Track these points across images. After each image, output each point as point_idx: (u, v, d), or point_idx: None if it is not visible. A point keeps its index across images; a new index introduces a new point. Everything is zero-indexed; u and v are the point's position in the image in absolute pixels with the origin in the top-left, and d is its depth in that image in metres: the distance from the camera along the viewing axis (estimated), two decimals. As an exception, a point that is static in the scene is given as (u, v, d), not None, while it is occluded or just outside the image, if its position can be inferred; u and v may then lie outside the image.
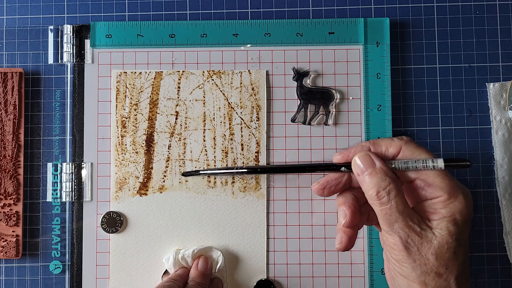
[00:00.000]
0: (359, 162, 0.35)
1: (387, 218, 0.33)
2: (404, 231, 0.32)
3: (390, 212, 0.33)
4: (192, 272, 0.42)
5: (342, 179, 0.37)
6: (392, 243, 0.33)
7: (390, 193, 0.33)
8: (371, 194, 0.34)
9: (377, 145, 0.36)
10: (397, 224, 0.32)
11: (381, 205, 0.33)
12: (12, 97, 0.46)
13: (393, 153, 0.35)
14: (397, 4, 0.47)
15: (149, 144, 0.46)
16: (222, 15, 0.48)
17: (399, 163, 0.35)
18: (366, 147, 0.36)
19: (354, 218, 0.36)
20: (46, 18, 0.48)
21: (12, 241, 0.45)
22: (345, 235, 0.37)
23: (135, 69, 0.47)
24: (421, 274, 0.32)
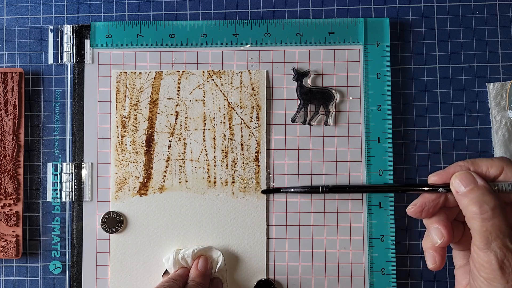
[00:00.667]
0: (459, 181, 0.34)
1: (486, 236, 0.32)
2: (502, 251, 0.31)
3: (491, 229, 0.32)
4: (192, 272, 0.42)
5: (439, 200, 0.36)
6: (485, 261, 0.32)
7: (494, 210, 0.32)
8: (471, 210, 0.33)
9: (477, 165, 0.35)
10: (495, 242, 0.32)
11: (482, 220, 0.32)
12: (12, 97, 0.46)
13: (494, 174, 0.35)
14: (397, 4, 0.47)
15: (149, 144, 0.46)
16: (222, 15, 0.48)
17: (503, 185, 0.34)
18: (465, 167, 0.35)
19: (451, 236, 0.35)
20: (46, 18, 0.48)
21: (12, 241, 0.45)
22: (438, 255, 0.36)
23: (135, 69, 0.47)
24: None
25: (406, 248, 0.46)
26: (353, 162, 0.46)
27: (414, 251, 0.46)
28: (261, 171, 0.46)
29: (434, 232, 0.36)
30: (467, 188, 0.34)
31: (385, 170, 0.45)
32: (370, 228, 0.45)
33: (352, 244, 0.45)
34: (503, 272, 0.31)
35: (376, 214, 0.45)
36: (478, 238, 0.32)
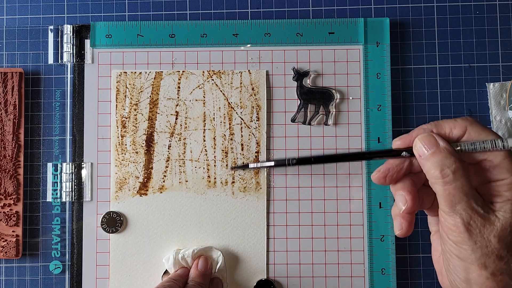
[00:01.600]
0: (421, 143, 0.34)
1: (450, 199, 0.32)
2: (467, 213, 0.31)
3: (454, 192, 0.32)
4: (192, 272, 0.42)
5: (403, 165, 0.36)
6: (452, 225, 0.32)
7: (455, 172, 0.32)
8: (433, 173, 0.32)
9: (440, 126, 0.34)
10: (459, 205, 0.31)
11: (444, 184, 0.32)
12: (12, 97, 0.46)
13: (457, 135, 0.34)
14: (397, 4, 0.47)
15: (149, 144, 0.46)
16: (222, 15, 0.48)
17: (465, 144, 0.33)
18: (428, 130, 0.35)
19: (415, 203, 0.35)
20: (46, 18, 0.48)
21: (12, 241, 0.45)
22: (405, 221, 0.35)
23: (135, 69, 0.47)
24: (481, 257, 0.31)
25: (406, 248, 0.46)
26: (353, 162, 0.46)
27: (414, 251, 0.46)
28: (261, 171, 0.46)
29: (398, 199, 0.36)
30: (429, 152, 0.33)
31: (385, 170, 0.45)
32: (370, 228, 0.45)
33: (352, 244, 0.45)
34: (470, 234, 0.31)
35: (376, 214, 0.45)
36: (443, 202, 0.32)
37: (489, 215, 0.31)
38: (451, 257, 0.33)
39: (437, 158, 0.33)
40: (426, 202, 0.36)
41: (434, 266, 0.37)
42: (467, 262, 0.32)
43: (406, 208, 0.35)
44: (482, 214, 0.31)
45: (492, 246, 0.31)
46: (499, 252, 0.31)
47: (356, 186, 0.46)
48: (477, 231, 0.31)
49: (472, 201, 0.31)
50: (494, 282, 0.31)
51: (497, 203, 0.32)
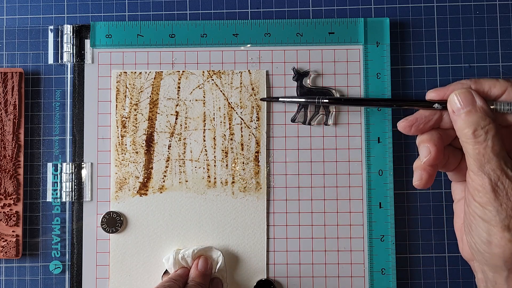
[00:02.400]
0: (457, 98, 0.33)
1: (479, 159, 0.31)
2: (496, 173, 0.31)
3: (484, 152, 0.31)
4: (192, 272, 0.42)
5: (433, 117, 0.35)
6: (479, 185, 0.31)
7: (488, 132, 0.31)
8: (466, 132, 0.32)
9: (479, 83, 0.34)
10: (489, 165, 0.31)
11: (475, 143, 0.31)
12: (12, 97, 0.46)
13: (496, 94, 0.33)
14: (397, 4, 0.47)
15: (149, 144, 0.46)
16: (222, 15, 0.48)
17: (501, 104, 0.32)
18: (467, 85, 0.34)
19: (439, 155, 0.34)
20: (46, 18, 0.48)
21: (12, 241, 0.45)
22: (426, 172, 0.35)
23: (135, 69, 0.47)
24: (506, 218, 0.30)
25: (406, 248, 0.46)
26: (353, 162, 0.46)
27: (414, 251, 0.46)
28: (261, 171, 0.46)
29: (422, 150, 0.35)
30: (465, 110, 0.32)
31: (385, 170, 0.45)
32: (370, 228, 0.45)
33: (352, 244, 0.45)
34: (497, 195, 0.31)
35: (376, 214, 0.45)
36: (472, 161, 0.32)
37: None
38: (474, 219, 0.32)
39: (472, 118, 0.32)
40: (452, 163, 0.35)
41: (456, 234, 0.36)
42: (490, 224, 0.31)
43: (428, 159, 0.34)
44: (510, 176, 0.31)
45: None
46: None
47: (356, 186, 0.46)
48: (504, 193, 0.31)
49: (502, 162, 0.31)
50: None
51: None
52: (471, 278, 0.45)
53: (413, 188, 0.46)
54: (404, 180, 0.46)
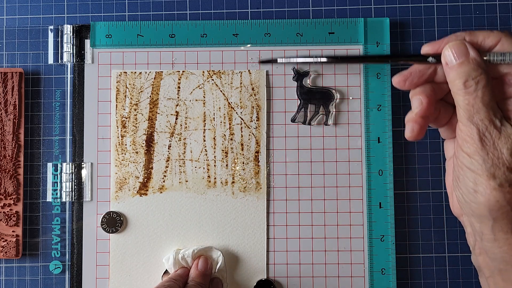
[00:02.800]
0: (451, 50, 0.33)
1: (469, 109, 0.31)
2: (484, 123, 0.31)
3: (473, 102, 0.31)
4: (192, 272, 0.42)
5: (427, 71, 0.35)
6: (467, 135, 0.31)
7: (479, 83, 0.31)
8: (457, 83, 0.32)
9: (474, 35, 0.34)
10: (478, 115, 0.31)
11: (466, 94, 0.32)
12: (12, 97, 0.46)
13: (489, 45, 0.33)
14: (397, 4, 0.47)
15: (149, 144, 0.46)
16: (222, 15, 0.48)
17: (494, 54, 0.33)
18: (461, 37, 0.34)
19: (430, 107, 0.34)
20: (46, 18, 0.48)
21: (12, 241, 0.45)
22: (417, 124, 0.35)
23: (135, 69, 0.47)
24: (491, 167, 0.31)
25: (406, 248, 0.46)
26: (353, 162, 0.46)
27: (414, 251, 0.46)
28: (261, 171, 0.46)
29: (414, 102, 0.35)
30: (457, 61, 0.33)
31: (385, 170, 0.45)
32: (370, 228, 0.45)
33: (352, 244, 0.45)
34: (484, 144, 0.31)
35: (376, 214, 0.45)
36: (462, 112, 0.32)
37: (506, 128, 0.31)
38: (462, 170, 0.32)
39: (463, 69, 0.32)
40: (443, 117, 0.36)
41: (447, 191, 0.37)
42: (477, 173, 0.31)
43: (420, 109, 0.34)
44: (498, 127, 0.31)
45: (504, 158, 0.31)
46: (510, 164, 0.31)
47: (356, 186, 0.46)
48: (491, 142, 0.31)
49: (490, 113, 0.31)
50: (501, 193, 0.31)
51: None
52: (471, 278, 0.45)
53: (413, 188, 0.46)
54: (404, 180, 0.46)
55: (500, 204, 0.31)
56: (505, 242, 0.31)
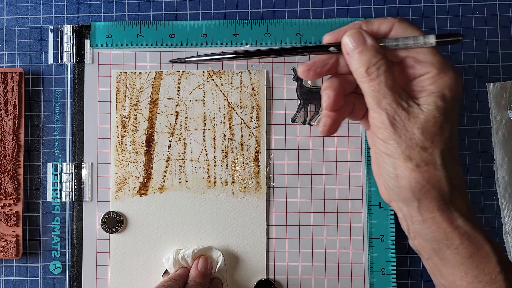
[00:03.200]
0: (349, 40, 0.34)
1: (375, 95, 0.32)
2: (392, 107, 0.32)
3: (378, 88, 0.32)
4: (192, 272, 0.42)
5: (329, 61, 0.36)
6: (378, 121, 0.32)
7: (379, 68, 0.32)
8: (360, 72, 0.33)
9: (370, 23, 0.34)
10: (385, 100, 0.32)
11: (370, 81, 0.32)
12: (12, 97, 0.46)
13: (385, 31, 0.34)
14: (397, 4, 0.47)
15: (149, 144, 0.46)
16: (222, 15, 0.48)
17: (389, 41, 0.33)
18: (358, 25, 0.35)
19: (338, 99, 0.35)
20: (46, 18, 0.48)
21: (12, 241, 0.45)
22: (329, 118, 0.36)
23: (135, 69, 0.47)
24: (406, 149, 0.31)
25: (406, 248, 0.46)
26: (353, 162, 0.46)
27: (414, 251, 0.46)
28: (261, 171, 0.46)
29: (323, 96, 0.35)
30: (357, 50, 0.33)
31: (385, 170, 0.45)
32: (370, 228, 0.45)
33: (352, 244, 0.45)
34: (395, 127, 0.31)
35: (376, 214, 0.45)
36: (369, 99, 0.33)
37: (413, 109, 0.32)
38: (381, 156, 0.33)
39: (364, 56, 0.33)
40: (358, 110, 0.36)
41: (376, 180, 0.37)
42: (394, 157, 0.32)
43: (327, 103, 0.35)
44: (406, 108, 0.32)
45: (416, 138, 0.31)
46: (423, 144, 0.31)
47: (356, 186, 0.46)
48: (401, 125, 0.31)
49: (396, 96, 0.32)
50: (419, 173, 0.31)
51: (421, 98, 0.32)
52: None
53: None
54: (406, 181, 0.46)
55: (421, 184, 0.31)
56: (432, 222, 0.32)
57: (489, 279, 0.31)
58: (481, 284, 0.31)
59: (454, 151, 0.32)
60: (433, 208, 0.32)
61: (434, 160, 0.31)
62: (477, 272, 0.31)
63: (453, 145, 0.32)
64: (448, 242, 0.32)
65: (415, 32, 0.33)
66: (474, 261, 0.31)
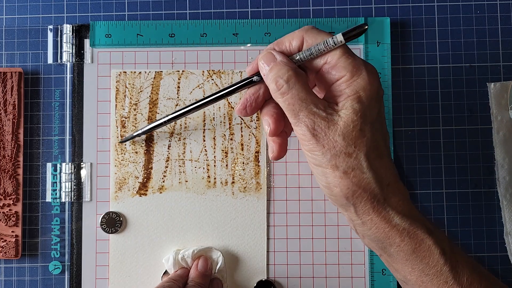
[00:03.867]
0: (261, 62, 0.34)
1: (291, 109, 0.32)
2: (310, 119, 0.32)
3: (292, 101, 0.32)
4: (192, 273, 0.42)
5: (259, 92, 0.36)
6: (301, 134, 0.32)
7: (289, 81, 0.32)
8: (272, 88, 0.33)
9: (281, 42, 0.35)
10: (301, 113, 0.32)
11: (282, 95, 0.33)
12: (11, 97, 0.46)
13: (297, 46, 0.35)
14: (398, 3, 0.47)
15: (148, 144, 0.46)
16: (222, 14, 0.48)
17: (302, 53, 0.34)
18: (271, 48, 0.35)
19: (278, 125, 0.36)
20: (46, 18, 0.48)
21: (11, 242, 0.45)
22: (275, 144, 0.36)
23: (135, 69, 0.46)
24: (332, 158, 0.31)
25: (407, 249, 0.45)
26: (354, 162, 0.45)
27: (414, 251, 0.46)
28: (261, 171, 0.45)
29: (264, 123, 0.36)
30: (268, 68, 0.34)
31: (386, 170, 0.45)
32: (371, 229, 0.45)
33: (352, 244, 0.45)
34: (317, 138, 0.32)
35: (377, 214, 0.45)
36: (288, 114, 0.33)
37: (332, 116, 0.32)
38: (313, 168, 0.33)
39: (273, 72, 0.33)
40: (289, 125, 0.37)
41: None
42: (323, 167, 0.32)
43: (270, 131, 0.36)
44: (324, 117, 0.32)
45: (339, 145, 0.31)
46: (347, 150, 0.31)
47: (357, 186, 0.45)
48: (323, 135, 0.32)
49: (312, 106, 0.32)
50: (348, 180, 0.31)
51: (340, 103, 0.32)
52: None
53: (413, 188, 0.46)
54: (405, 181, 0.46)
55: (352, 189, 0.32)
56: (371, 223, 0.32)
57: (435, 271, 0.32)
58: (428, 277, 0.32)
59: (382, 149, 0.33)
60: (369, 210, 0.32)
61: (360, 164, 0.31)
62: (423, 266, 0.32)
63: (378, 144, 0.32)
64: (390, 241, 0.32)
65: (325, 36, 0.33)
66: (418, 256, 0.32)
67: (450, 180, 0.46)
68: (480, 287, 0.32)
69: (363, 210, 0.32)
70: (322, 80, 0.34)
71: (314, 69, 0.35)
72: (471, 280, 0.32)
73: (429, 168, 0.46)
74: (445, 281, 0.32)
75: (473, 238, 0.45)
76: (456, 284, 0.32)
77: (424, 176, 0.46)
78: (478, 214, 0.46)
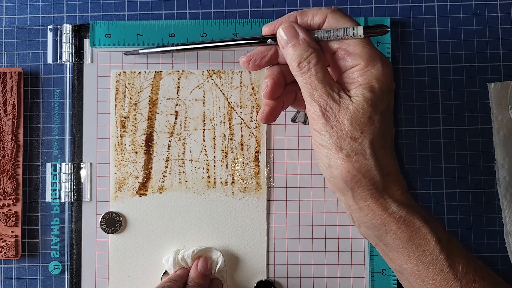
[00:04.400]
0: (283, 34, 0.35)
1: (308, 88, 0.33)
2: (323, 99, 0.33)
3: (310, 80, 0.33)
4: (191, 273, 0.42)
5: (268, 53, 0.37)
6: (312, 113, 0.33)
7: (310, 62, 0.33)
8: (293, 66, 0.34)
9: (304, 14, 0.35)
10: (317, 92, 0.33)
11: (302, 74, 0.33)
12: (11, 97, 0.46)
13: (318, 22, 0.35)
14: (398, 3, 0.47)
15: (148, 144, 0.46)
16: (222, 14, 0.48)
17: (321, 32, 0.34)
18: (293, 17, 0.36)
19: (275, 88, 0.36)
20: (45, 18, 0.48)
21: (11, 242, 0.45)
22: (267, 106, 0.37)
23: (135, 69, 0.46)
24: (337, 140, 0.32)
25: (407, 249, 0.45)
26: (354, 162, 0.45)
27: (415, 251, 0.46)
28: (261, 171, 0.45)
29: (263, 85, 0.37)
30: (290, 44, 0.34)
31: (386, 170, 0.45)
32: (371, 229, 0.45)
33: (352, 244, 0.45)
34: (327, 119, 0.33)
35: (377, 214, 0.45)
36: (304, 92, 0.34)
37: (344, 100, 0.33)
38: (317, 147, 0.34)
39: (296, 51, 0.34)
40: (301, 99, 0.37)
41: None
42: (327, 147, 0.33)
43: (265, 91, 0.36)
44: (337, 100, 0.33)
45: (346, 129, 0.32)
46: (353, 134, 0.32)
47: (357, 186, 0.45)
48: (332, 116, 0.32)
49: (328, 88, 0.33)
50: (350, 163, 0.32)
51: (352, 90, 0.33)
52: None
53: (413, 188, 0.46)
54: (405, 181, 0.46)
55: (352, 173, 0.32)
56: (368, 209, 0.33)
57: (431, 259, 0.32)
58: (424, 265, 0.32)
59: (387, 140, 0.33)
60: (366, 196, 0.33)
61: (363, 149, 0.32)
62: (418, 254, 0.32)
63: (384, 135, 0.33)
64: (387, 228, 0.33)
65: (348, 23, 0.34)
66: (414, 244, 0.32)
67: (450, 180, 0.46)
68: (475, 276, 0.32)
69: (361, 196, 0.33)
70: (335, 64, 0.35)
71: (330, 50, 0.35)
72: (466, 269, 0.32)
73: (429, 168, 0.46)
74: (440, 269, 0.32)
75: (473, 238, 0.45)
76: (452, 273, 0.32)
77: (424, 176, 0.46)
78: (478, 214, 0.46)
